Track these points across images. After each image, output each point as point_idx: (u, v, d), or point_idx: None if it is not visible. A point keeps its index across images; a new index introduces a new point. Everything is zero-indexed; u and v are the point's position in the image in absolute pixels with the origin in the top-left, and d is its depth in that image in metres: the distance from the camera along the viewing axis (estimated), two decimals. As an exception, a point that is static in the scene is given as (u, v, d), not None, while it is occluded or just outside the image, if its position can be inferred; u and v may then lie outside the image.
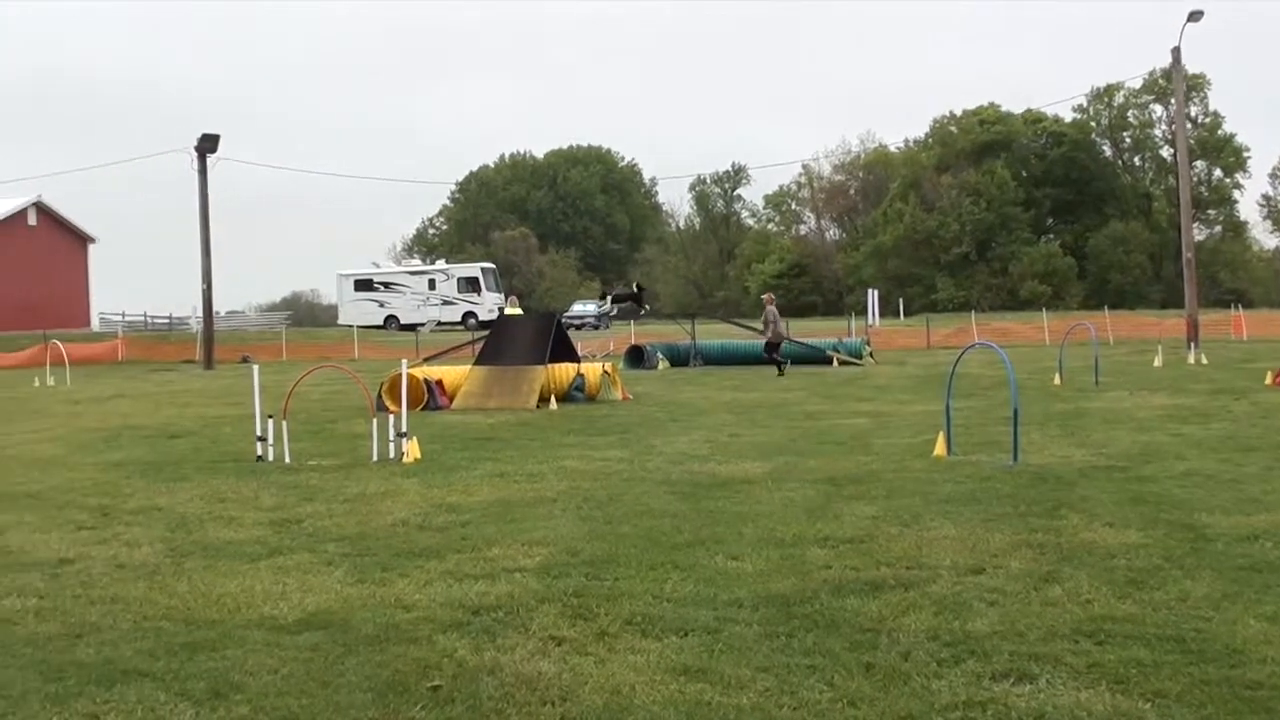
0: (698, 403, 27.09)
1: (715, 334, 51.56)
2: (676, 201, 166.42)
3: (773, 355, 39.24)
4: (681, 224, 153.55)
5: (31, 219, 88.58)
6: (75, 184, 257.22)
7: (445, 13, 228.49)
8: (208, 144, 56.48)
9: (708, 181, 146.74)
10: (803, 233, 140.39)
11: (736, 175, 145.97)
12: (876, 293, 79.80)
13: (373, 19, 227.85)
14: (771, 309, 40.19)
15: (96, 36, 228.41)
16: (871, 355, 43.98)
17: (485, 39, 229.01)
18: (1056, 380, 29.83)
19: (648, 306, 43.18)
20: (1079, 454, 16.62)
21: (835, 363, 41.07)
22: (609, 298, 47.86)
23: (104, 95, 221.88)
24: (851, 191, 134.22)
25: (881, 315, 77.83)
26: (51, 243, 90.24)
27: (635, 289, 46.07)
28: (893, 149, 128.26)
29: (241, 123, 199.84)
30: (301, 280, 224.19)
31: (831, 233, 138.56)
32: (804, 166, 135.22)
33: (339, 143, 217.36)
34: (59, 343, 50.96)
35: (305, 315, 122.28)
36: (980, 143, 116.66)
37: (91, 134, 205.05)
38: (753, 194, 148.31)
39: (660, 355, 44.08)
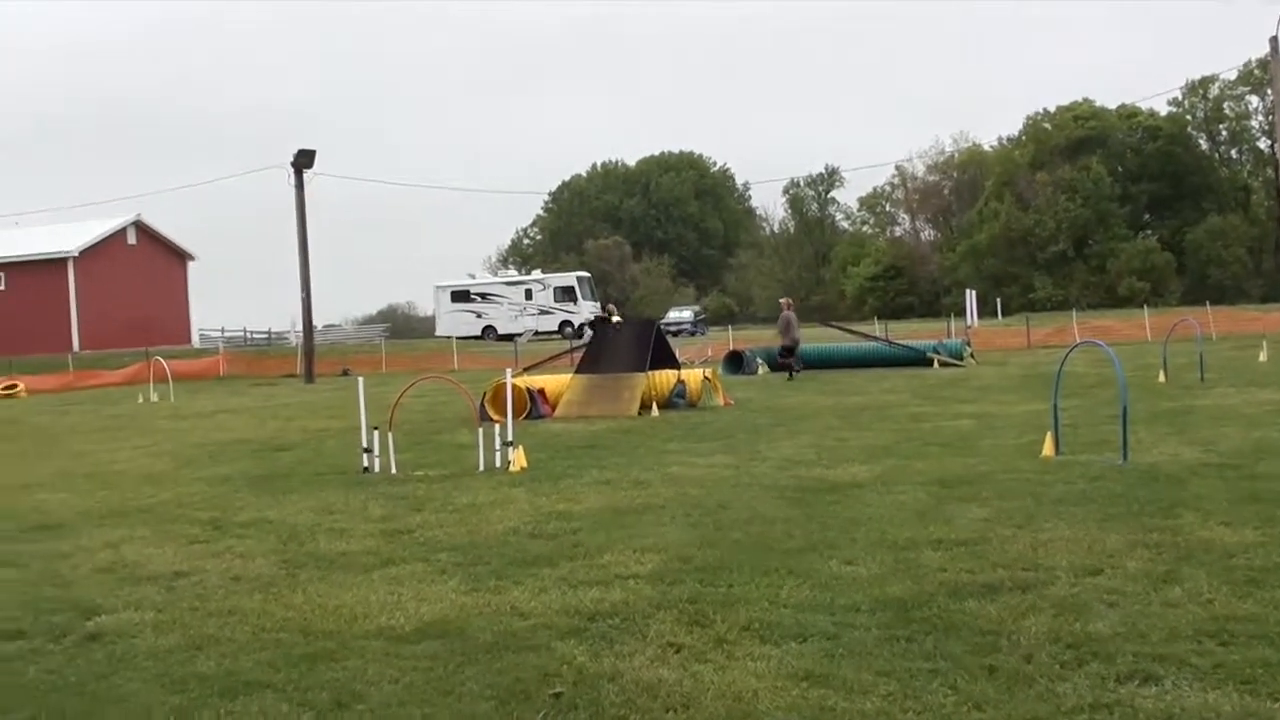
0: (800, 407, 26.99)
1: (813, 338, 51.30)
2: (770, 205, 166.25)
3: (786, 360, 39.39)
4: (775, 228, 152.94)
5: (131, 238, 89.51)
6: (173, 202, 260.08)
7: (536, 24, 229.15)
8: (304, 159, 56.81)
9: (801, 184, 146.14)
10: (898, 234, 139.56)
11: (830, 177, 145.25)
12: (974, 293, 79.20)
13: (465, 32, 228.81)
14: (789, 314, 40.32)
15: (195, 55, 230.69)
16: (972, 356, 43.66)
17: (575, 48, 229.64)
18: (1161, 377, 29.49)
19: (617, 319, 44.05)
20: (1189, 452, 16.43)
21: (936, 364, 40.82)
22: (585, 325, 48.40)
23: (200, 113, 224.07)
24: (946, 191, 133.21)
25: (980, 315, 77.16)
26: (151, 261, 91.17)
27: (603, 309, 46.65)
28: (986, 147, 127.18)
29: (336, 137, 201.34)
30: (397, 292, 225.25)
31: (926, 233, 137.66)
32: (897, 167, 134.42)
33: (433, 155, 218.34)
34: (161, 359, 51.44)
35: (402, 327, 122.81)
36: (1075, 139, 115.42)
37: (189, 152, 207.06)
38: (846, 196, 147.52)
39: (760, 360, 43.97)
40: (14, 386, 56.14)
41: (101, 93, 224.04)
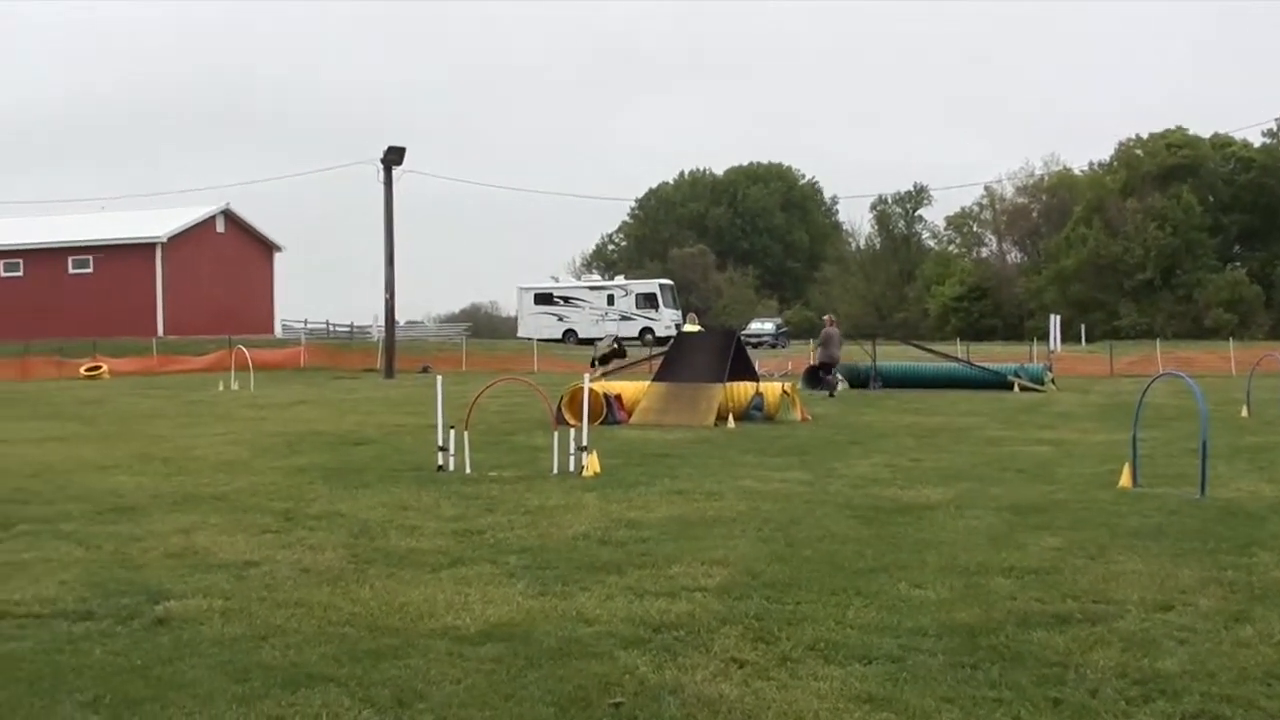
0: (878, 425, 26.86)
1: (895, 355, 51.11)
2: (857, 220, 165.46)
3: (824, 376, 39.51)
4: (862, 243, 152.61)
5: (220, 226, 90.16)
6: (263, 193, 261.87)
7: (628, 30, 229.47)
8: (394, 156, 57.13)
9: (889, 201, 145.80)
10: (984, 255, 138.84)
11: (918, 195, 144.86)
12: (1058, 318, 78.66)
13: (557, 36, 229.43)
14: (832, 330, 40.47)
15: (284, 48, 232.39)
16: (1053, 381, 43.31)
17: (666, 56, 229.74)
18: (1244, 412, 29.14)
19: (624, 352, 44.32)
20: (1269, 489, 16.20)
21: (1016, 388, 40.54)
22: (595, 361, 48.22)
23: (292, 106, 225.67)
24: (1034, 214, 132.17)
25: (1063, 341, 76.67)
26: (238, 250, 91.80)
27: (615, 343, 46.59)
28: (1077, 171, 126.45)
29: (426, 135, 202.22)
30: (481, 292, 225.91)
31: (1013, 256, 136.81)
32: (986, 188, 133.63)
33: (521, 157, 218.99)
34: (243, 348, 51.81)
35: (484, 327, 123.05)
36: (1167, 166, 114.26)
37: (279, 144, 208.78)
38: (934, 214, 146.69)
39: (840, 376, 43.81)
40: (98, 368, 56.78)
41: (195, 83, 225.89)
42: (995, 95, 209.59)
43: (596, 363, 44.48)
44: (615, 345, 50.11)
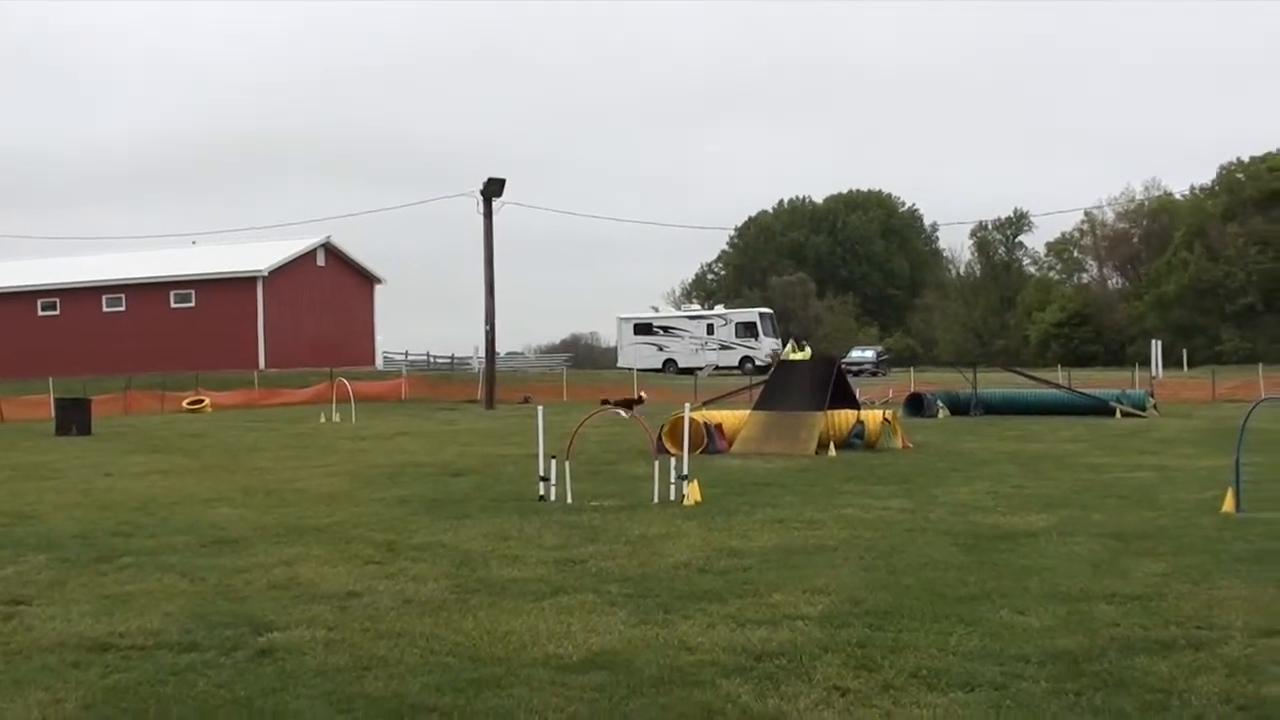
0: (979, 453, 26.71)
1: (995, 383, 50.79)
2: (957, 247, 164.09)
3: None
4: (962, 270, 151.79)
5: (320, 259, 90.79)
6: (363, 226, 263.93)
7: (725, 58, 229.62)
8: (493, 188, 57.38)
9: (989, 227, 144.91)
10: (1085, 281, 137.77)
11: (1018, 221, 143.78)
12: (1160, 343, 77.88)
13: (654, 65, 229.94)
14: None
15: (382, 81, 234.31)
16: (1155, 407, 42.95)
17: (764, 85, 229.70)
18: (1351, 436, 28.77)
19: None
20: (1375, 514, 16.00)
21: (1118, 414, 40.18)
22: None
23: (391, 139, 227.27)
24: (1135, 239, 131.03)
25: (1165, 366, 75.89)
26: (339, 282, 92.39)
27: (639, 397, 46.92)
28: (1178, 196, 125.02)
29: (526, 166, 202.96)
30: (580, 322, 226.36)
31: (1114, 281, 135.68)
32: (1087, 214, 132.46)
33: (620, 188, 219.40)
34: (344, 380, 52.16)
35: (584, 357, 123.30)
36: (1270, 190, 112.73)
37: (379, 177, 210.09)
38: (1035, 241, 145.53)
39: (940, 403, 43.60)
40: (200, 401, 57.32)
41: (293, 119, 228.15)
42: (1095, 120, 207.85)
43: (611, 402, 44.79)
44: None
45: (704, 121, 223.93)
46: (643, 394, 46.77)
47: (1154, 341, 77.43)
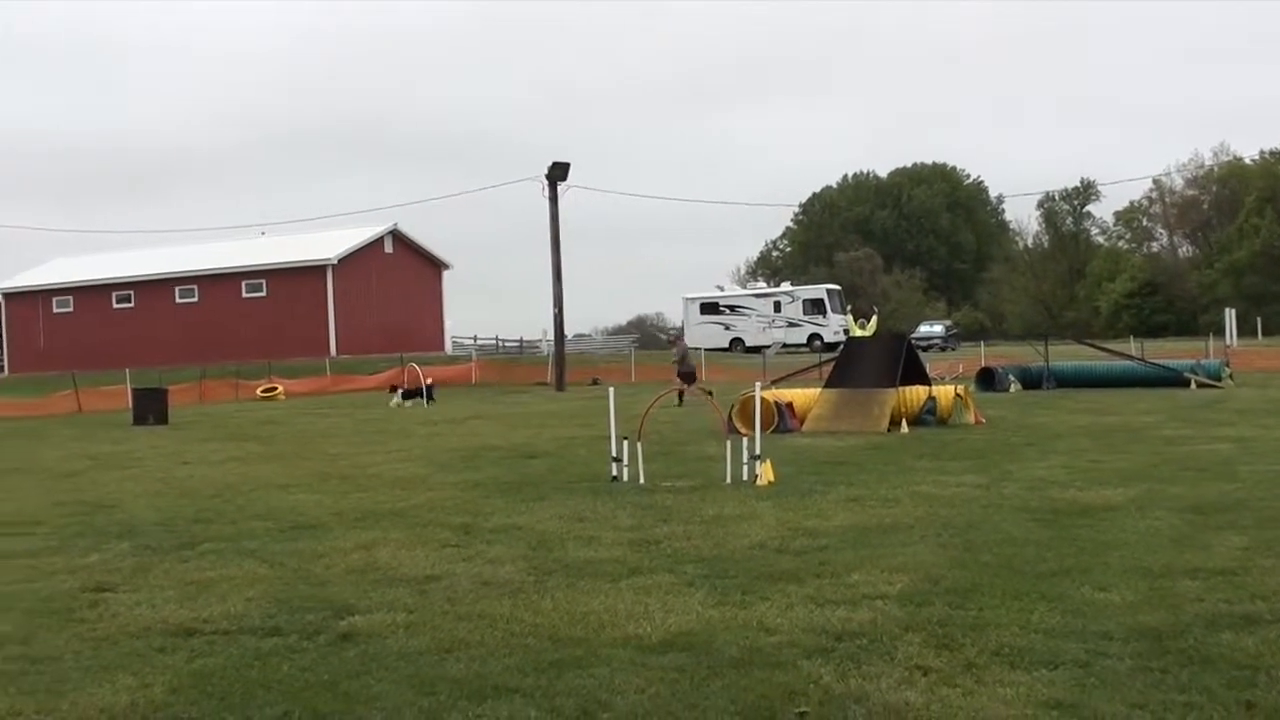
0: (1053, 427, 26.55)
1: (1067, 355, 50.47)
2: (1024, 219, 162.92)
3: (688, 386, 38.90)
4: (1029, 242, 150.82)
5: (388, 246, 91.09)
6: (429, 212, 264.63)
7: (787, 33, 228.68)
8: (558, 172, 57.51)
9: (1056, 198, 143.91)
10: (1154, 250, 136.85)
11: (1086, 191, 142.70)
12: (1233, 311, 77.18)
13: (717, 44, 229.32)
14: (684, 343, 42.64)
15: (443, 66, 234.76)
16: (1231, 377, 42.59)
17: (827, 59, 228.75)
18: None
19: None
20: None
21: (1193, 385, 39.86)
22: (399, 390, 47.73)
23: (456, 125, 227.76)
24: (1205, 206, 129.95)
25: (1239, 335, 75.15)
26: (407, 269, 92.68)
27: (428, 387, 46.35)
28: (1248, 161, 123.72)
29: (589, 149, 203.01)
30: (646, 303, 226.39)
31: (1184, 249, 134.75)
32: (1155, 181, 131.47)
33: (683, 167, 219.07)
34: (415, 365, 52.34)
35: (651, 338, 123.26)
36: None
37: (445, 163, 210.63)
38: (1103, 210, 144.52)
39: (1012, 377, 43.36)
40: (274, 389, 57.72)
41: (358, 107, 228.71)
42: (1161, 85, 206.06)
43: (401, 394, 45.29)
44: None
45: (767, 97, 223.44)
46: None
47: (1227, 310, 76.67)
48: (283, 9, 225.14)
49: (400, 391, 46.92)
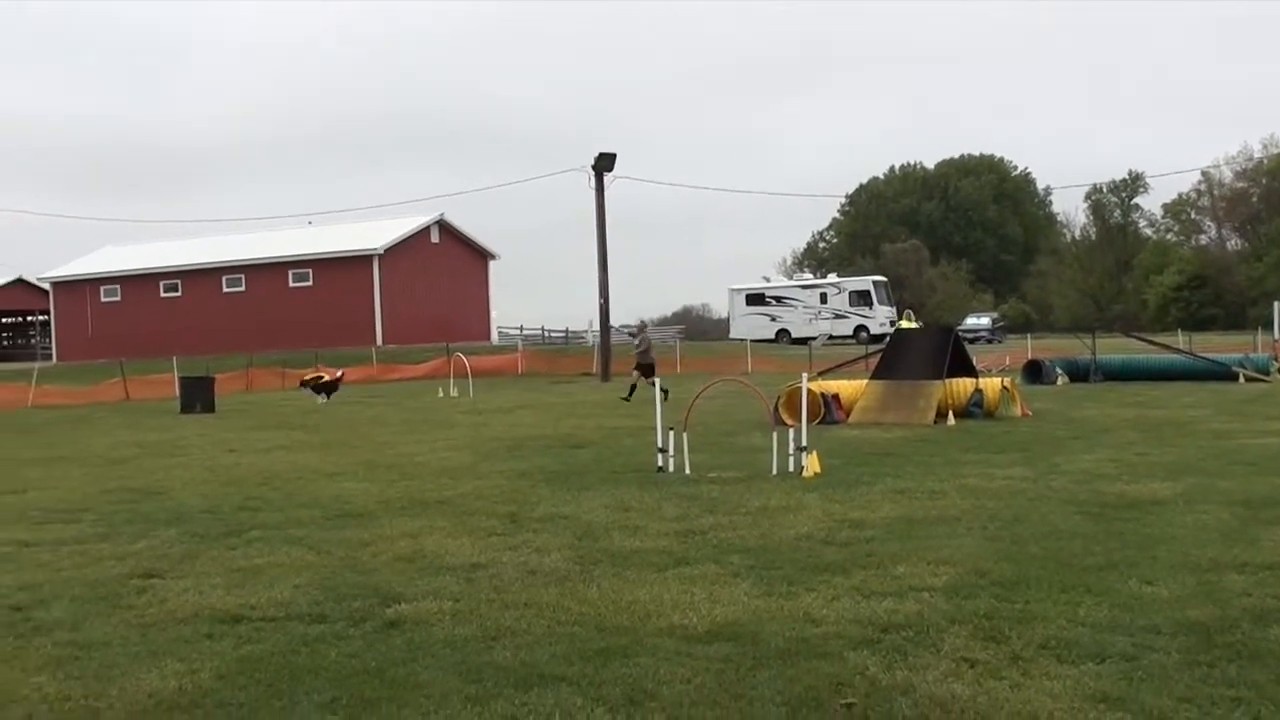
0: (1100, 420, 26.43)
1: (1114, 348, 50.28)
2: (1071, 211, 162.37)
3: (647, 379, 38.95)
4: (1077, 234, 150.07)
5: (435, 236, 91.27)
6: (477, 202, 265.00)
7: (832, 24, 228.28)
8: (604, 163, 57.53)
9: (1104, 190, 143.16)
10: (1202, 243, 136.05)
11: (1134, 183, 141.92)
12: (1283, 305, 76.56)
13: (759, 32, 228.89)
14: (647, 335, 42.65)
15: (495, 60, 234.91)
16: (1279, 371, 42.34)
17: (873, 49, 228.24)
18: None
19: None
20: None
21: (1241, 379, 39.64)
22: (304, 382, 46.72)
23: (503, 115, 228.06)
24: (1254, 199, 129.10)
25: (1287, 329, 74.58)
26: (454, 259, 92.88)
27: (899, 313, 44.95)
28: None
29: (636, 140, 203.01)
30: (691, 294, 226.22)
31: (1233, 242, 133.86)
32: (1204, 174, 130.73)
33: (730, 157, 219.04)
34: (461, 355, 52.47)
35: (695, 329, 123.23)
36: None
37: (492, 153, 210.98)
38: (1151, 203, 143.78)
39: (1059, 370, 43.19)
40: (320, 378, 57.88)
41: (405, 96, 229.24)
42: (1210, 77, 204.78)
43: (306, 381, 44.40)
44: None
45: (813, 88, 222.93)
46: (342, 372, 45.15)
47: (1276, 303, 76.02)
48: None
49: (323, 385, 45.61)
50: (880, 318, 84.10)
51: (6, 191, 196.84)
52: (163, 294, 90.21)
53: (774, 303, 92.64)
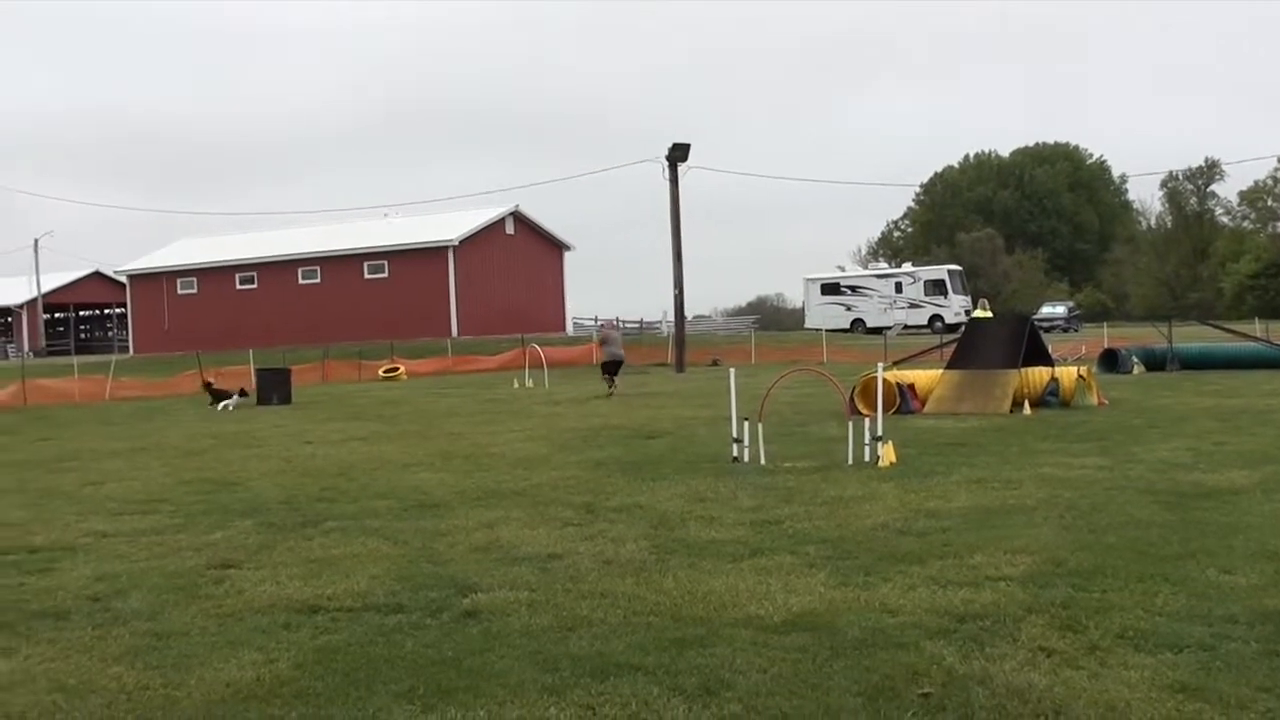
0: (1177, 408, 26.20)
1: (1191, 336, 49.84)
2: (1147, 199, 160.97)
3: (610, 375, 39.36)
4: (1153, 222, 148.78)
5: (509, 228, 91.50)
6: (552, 193, 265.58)
7: (911, 16, 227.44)
8: (679, 153, 57.46)
9: (1180, 178, 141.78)
10: (1279, 230, 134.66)
11: (1210, 171, 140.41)
12: (1363, 293, 75.95)
13: (834, 22, 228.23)
14: (612, 332, 43.31)
15: (570, 51, 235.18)
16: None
17: (947, 38, 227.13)
18: None
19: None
20: None
21: (1321, 367, 39.20)
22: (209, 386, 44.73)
23: (578, 106, 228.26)
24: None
25: (1368, 316, 73.91)
26: (528, 250, 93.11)
27: (241, 391, 42.64)
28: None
29: (711, 130, 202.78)
30: (766, 284, 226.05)
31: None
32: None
33: (806, 147, 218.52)
34: (536, 346, 52.61)
35: (770, 319, 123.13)
36: None
37: (567, 144, 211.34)
38: (1227, 190, 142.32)
39: (1135, 359, 42.87)
40: (396, 369, 58.23)
41: (482, 88, 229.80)
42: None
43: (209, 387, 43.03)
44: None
45: (890, 77, 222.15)
46: (244, 388, 42.89)
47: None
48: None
49: (217, 392, 42.06)
50: (955, 307, 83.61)
51: (84, 186, 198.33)
52: (238, 286, 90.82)
53: (849, 292, 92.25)
